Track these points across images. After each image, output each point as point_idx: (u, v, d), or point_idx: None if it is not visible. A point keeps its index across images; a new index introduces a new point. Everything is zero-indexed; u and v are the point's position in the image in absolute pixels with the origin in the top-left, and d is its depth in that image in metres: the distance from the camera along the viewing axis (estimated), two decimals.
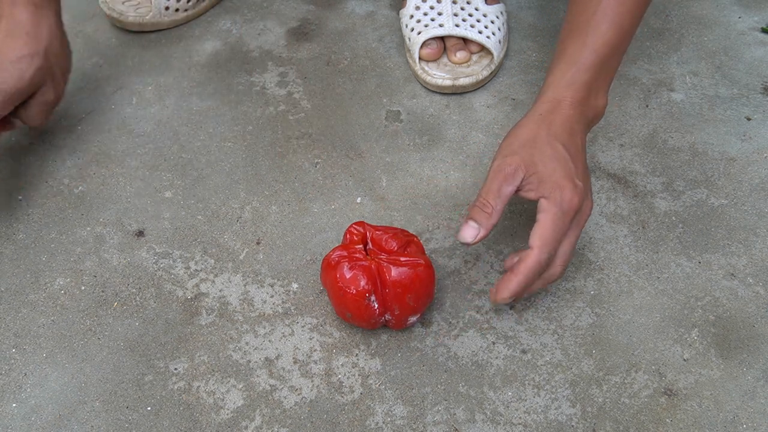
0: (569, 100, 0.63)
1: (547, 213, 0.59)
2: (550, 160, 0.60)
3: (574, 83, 0.63)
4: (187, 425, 0.62)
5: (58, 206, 0.75)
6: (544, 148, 0.61)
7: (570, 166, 0.61)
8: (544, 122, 0.62)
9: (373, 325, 0.64)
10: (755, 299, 0.68)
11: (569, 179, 0.60)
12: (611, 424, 0.62)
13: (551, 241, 0.59)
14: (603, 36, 0.64)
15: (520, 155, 0.61)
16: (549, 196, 0.60)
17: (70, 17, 0.93)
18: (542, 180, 0.60)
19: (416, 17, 0.86)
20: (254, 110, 0.84)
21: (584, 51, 0.64)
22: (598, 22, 0.64)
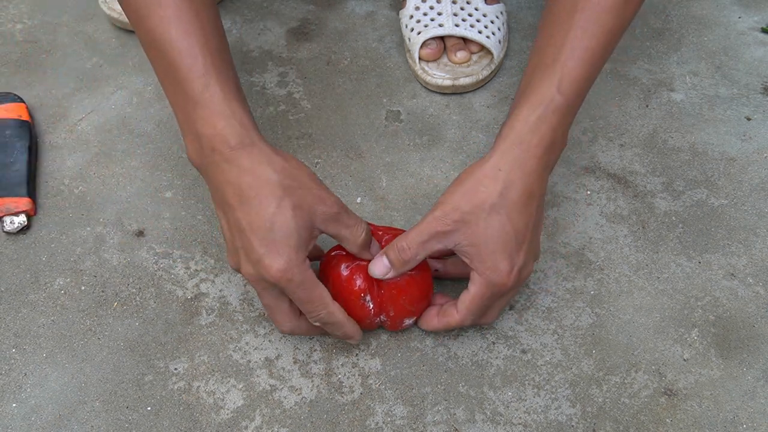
0: (534, 148, 0.57)
1: (478, 288, 0.58)
2: (494, 237, 0.56)
3: (540, 129, 0.58)
4: (187, 425, 0.62)
5: (58, 206, 0.75)
6: (492, 220, 0.56)
7: (512, 245, 0.57)
8: (500, 183, 0.57)
9: (369, 325, 0.63)
10: (755, 299, 0.68)
11: (508, 260, 0.57)
12: (611, 424, 0.62)
13: (476, 312, 0.60)
14: (571, 73, 0.58)
15: (462, 219, 0.57)
16: (482, 273, 0.57)
17: (70, 17, 0.93)
18: (479, 254, 0.57)
19: (416, 17, 0.86)
20: (254, 110, 0.84)
21: (551, 90, 0.58)
22: (566, 58, 0.58)
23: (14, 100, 0.80)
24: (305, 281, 0.56)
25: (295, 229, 0.55)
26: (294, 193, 0.56)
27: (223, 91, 0.57)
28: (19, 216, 0.73)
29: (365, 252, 0.60)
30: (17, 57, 0.89)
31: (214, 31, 0.60)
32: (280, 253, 0.55)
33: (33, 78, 0.86)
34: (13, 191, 0.73)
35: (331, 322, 0.59)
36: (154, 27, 0.58)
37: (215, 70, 0.58)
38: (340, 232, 0.58)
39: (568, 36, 0.58)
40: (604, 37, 0.59)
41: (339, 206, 0.58)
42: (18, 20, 0.93)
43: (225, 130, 0.57)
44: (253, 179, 0.56)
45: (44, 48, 0.90)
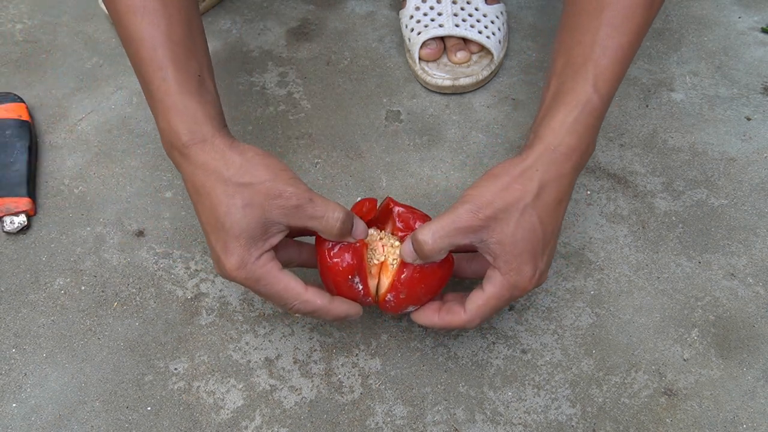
0: (570, 150, 0.56)
1: (496, 290, 0.56)
2: (524, 238, 0.54)
3: (578, 130, 0.56)
4: (187, 425, 0.62)
5: (58, 206, 0.75)
6: (524, 220, 0.54)
7: (539, 249, 0.55)
8: (537, 183, 0.55)
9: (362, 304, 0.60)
10: (755, 299, 0.68)
11: (532, 263, 0.55)
12: (611, 424, 0.62)
13: (486, 315, 0.57)
14: (605, 73, 0.57)
15: (496, 215, 0.54)
16: (505, 273, 0.55)
17: (70, 17, 0.93)
18: (505, 254, 0.55)
19: (416, 17, 0.86)
20: (254, 110, 0.84)
21: (587, 90, 0.56)
22: (598, 56, 0.56)
23: (14, 100, 0.80)
24: (263, 278, 0.55)
25: (245, 227, 0.54)
26: (245, 191, 0.55)
27: (179, 85, 0.56)
28: (19, 216, 0.73)
29: (345, 237, 0.57)
30: (17, 57, 0.89)
31: (183, 20, 0.58)
32: (232, 252, 0.55)
33: (33, 78, 0.86)
34: (13, 191, 0.73)
35: (309, 311, 0.57)
36: (122, 15, 0.58)
37: (174, 63, 0.57)
38: (308, 224, 0.56)
39: (599, 34, 0.57)
40: (634, 34, 0.58)
41: (300, 198, 0.55)
42: (18, 20, 0.93)
43: (178, 126, 0.56)
44: (204, 177, 0.56)
45: (44, 48, 0.90)
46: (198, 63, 0.59)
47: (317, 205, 0.55)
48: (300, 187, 0.56)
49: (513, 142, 0.80)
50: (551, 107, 0.58)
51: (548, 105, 0.58)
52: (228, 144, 0.57)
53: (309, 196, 0.55)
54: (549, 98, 0.59)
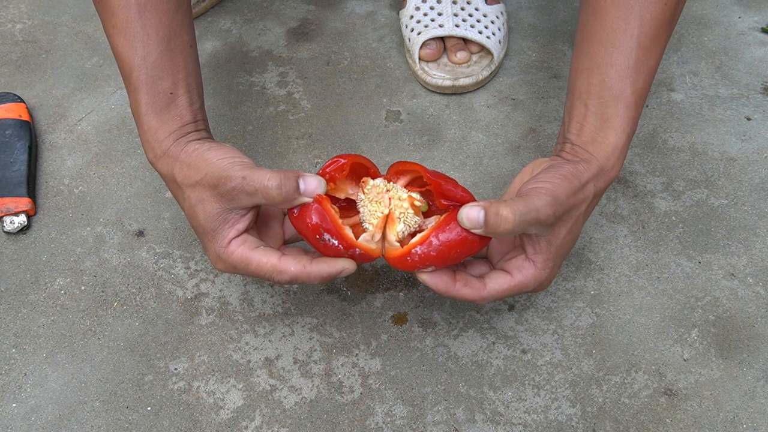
0: (615, 173, 0.60)
1: (525, 279, 0.57)
2: (567, 244, 0.58)
3: (623, 156, 0.60)
4: (187, 425, 0.62)
5: (58, 206, 0.75)
6: (574, 229, 0.58)
7: (566, 254, 0.60)
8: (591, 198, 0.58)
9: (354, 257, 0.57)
10: (755, 299, 0.68)
11: (557, 268, 0.59)
12: (611, 424, 0.62)
13: (502, 297, 0.59)
14: (641, 93, 0.60)
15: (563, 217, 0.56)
16: (539, 267, 0.57)
17: (70, 17, 0.93)
18: (549, 252, 0.57)
19: (416, 17, 0.86)
20: (254, 110, 0.84)
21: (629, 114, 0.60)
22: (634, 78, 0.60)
23: (14, 100, 0.80)
24: (237, 263, 0.57)
25: (204, 222, 0.57)
26: (194, 190, 0.58)
27: (147, 107, 0.60)
28: (19, 216, 0.73)
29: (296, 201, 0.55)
30: (17, 57, 0.89)
31: (161, 38, 0.61)
32: (207, 248, 0.59)
33: (33, 78, 0.86)
34: (13, 191, 0.74)
35: (288, 280, 0.57)
36: (108, 34, 0.62)
37: (146, 84, 0.61)
38: (254, 200, 0.56)
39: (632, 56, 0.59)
40: (660, 53, 0.61)
41: (234, 179, 0.55)
42: (18, 20, 0.93)
43: (145, 144, 0.61)
44: (170, 186, 0.61)
45: (44, 48, 0.90)
46: (172, 80, 0.61)
47: (251, 180, 0.55)
48: (234, 169, 0.56)
49: (513, 142, 0.80)
50: (600, 129, 0.60)
51: (595, 126, 0.60)
52: (178, 152, 0.60)
53: (242, 174, 0.55)
54: (592, 117, 0.61)
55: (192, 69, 0.63)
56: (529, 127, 0.82)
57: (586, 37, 0.62)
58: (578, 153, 0.60)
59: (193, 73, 0.63)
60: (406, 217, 0.57)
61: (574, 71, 0.63)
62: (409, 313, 0.68)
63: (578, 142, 0.60)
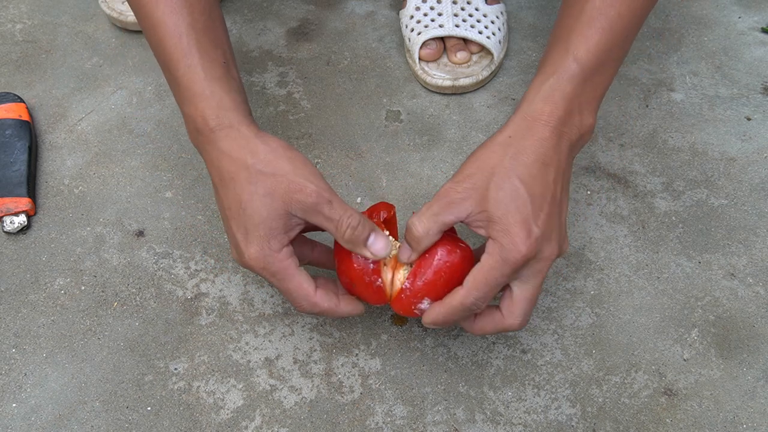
0: (546, 117, 0.55)
1: (489, 257, 0.53)
2: (506, 200, 0.53)
3: (552, 96, 0.55)
4: (187, 425, 0.62)
5: (58, 206, 0.75)
6: (503, 183, 0.53)
7: (528, 209, 0.53)
8: (512, 148, 0.54)
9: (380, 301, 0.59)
10: (755, 299, 0.68)
11: (522, 225, 0.52)
12: (611, 424, 0.62)
13: (482, 287, 0.53)
14: (588, 41, 0.55)
15: (473, 185, 0.53)
16: (496, 239, 0.53)
17: (70, 17, 0.93)
18: (491, 219, 0.53)
19: (416, 18, 0.86)
20: (254, 110, 0.84)
21: (566, 59, 0.55)
22: (583, 26, 0.55)
23: (14, 100, 0.80)
24: (279, 272, 0.55)
25: (266, 217, 0.54)
26: (267, 180, 0.54)
27: (205, 71, 0.57)
28: (19, 216, 0.73)
29: (358, 248, 0.56)
30: (17, 57, 0.89)
31: (204, 10, 0.59)
32: (252, 241, 0.55)
33: (33, 78, 0.86)
34: (13, 191, 0.74)
35: (316, 312, 0.57)
36: (143, 5, 0.59)
37: (198, 50, 0.57)
38: (323, 224, 0.55)
39: (586, 6, 0.56)
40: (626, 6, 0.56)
41: (319, 197, 0.54)
42: (18, 20, 0.93)
43: (205, 111, 0.57)
44: (229, 163, 0.56)
45: (44, 48, 0.90)
46: (222, 51, 0.60)
47: (334, 207, 0.55)
48: (321, 185, 0.55)
49: None
50: (532, 81, 0.58)
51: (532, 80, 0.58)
52: (254, 132, 0.57)
53: (329, 196, 0.55)
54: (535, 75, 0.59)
55: (231, 45, 0.62)
56: None
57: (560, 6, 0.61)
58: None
59: (232, 50, 0.62)
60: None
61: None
62: None
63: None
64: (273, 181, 0.54)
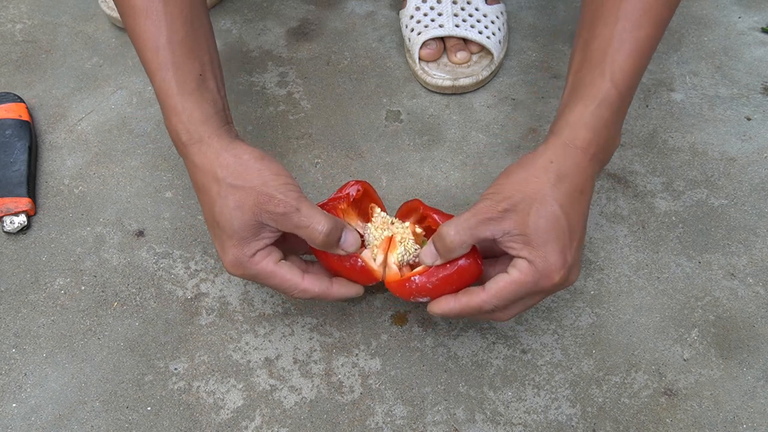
0: (587, 144, 0.56)
1: (521, 275, 0.54)
2: (547, 227, 0.53)
3: (594, 123, 0.56)
4: (187, 425, 0.62)
5: (58, 206, 0.75)
6: (544, 210, 0.54)
7: (566, 239, 0.54)
8: (553, 174, 0.55)
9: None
10: (755, 299, 0.68)
11: (560, 254, 0.53)
12: (611, 424, 0.62)
13: (505, 299, 0.55)
14: (622, 66, 0.56)
15: (513, 207, 0.54)
16: (532, 261, 0.53)
17: (70, 17, 0.93)
18: (530, 243, 0.53)
19: (416, 18, 0.86)
20: (254, 110, 0.84)
21: (604, 84, 0.56)
22: (616, 50, 0.56)
23: (14, 100, 0.80)
24: (259, 274, 0.57)
25: (238, 227, 0.56)
26: (236, 193, 0.56)
27: (178, 86, 0.58)
28: (19, 216, 0.73)
29: (331, 250, 0.58)
30: (17, 57, 0.89)
31: (185, 20, 0.59)
32: (227, 250, 0.57)
33: (33, 78, 0.86)
34: (13, 191, 0.74)
35: (309, 298, 0.59)
36: (126, 17, 0.60)
37: (174, 63, 0.59)
38: (295, 232, 0.56)
39: (617, 27, 0.56)
40: (653, 27, 0.57)
41: (287, 207, 0.55)
42: (18, 20, 0.93)
43: (177, 126, 0.58)
44: (201, 176, 0.58)
45: (44, 48, 0.90)
46: (200, 62, 0.60)
47: (303, 215, 0.56)
48: (289, 194, 0.56)
49: (513, 142, 0.80)
50: (568, 103, 0.58)
51: (566, 101, 0.58)
52: (225, 145, 0.58)
53: (297, 205, 0.56)
54: (567, 94, 0.59)
55: (214, 53, 0.62)
56: (529, 127, 0.82)
57: (581, 16, 0.61)
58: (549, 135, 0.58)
59: (216, 58, 0.62)
60: (406, 242, 0.60)
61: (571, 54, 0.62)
62: (409, 313, 0.68)
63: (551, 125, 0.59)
64: (242, 193, 0.56)
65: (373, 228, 0.61)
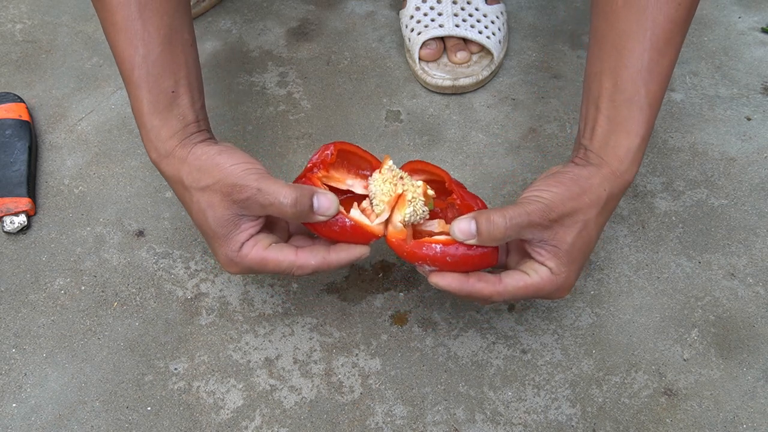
0: (631, 176, 0.59)
1: (540, 282, 0.57)
2: (580, 249, 0.57)
3: (638, 159, 0.59)
4: (187, 425, 0.62)
5: (58, 206, 0.75)
6: (586, 233, 0.57)
7: (584, 261, 0.58)
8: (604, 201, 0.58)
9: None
10: (755, 299, 0.68)
11: (577, 272, 0.58)
12: (611, 424, 0.62)
13: (515, 298, 0.58)
14: (656, 96, 0.59)
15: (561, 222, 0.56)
16: (555, 273, 0.56)
17: (70, 17, 0.93)
18: (559, 257, 0.56)
19: (416, 17, 0.86)
20: (254, 110, 0.84)
21: (643, 120, 0.58)
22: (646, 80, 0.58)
23: (14, 100, 0.80)
24: (252, 265, 0.58)
25: (216, 226, 0.57)
26: (203, 195, 0.57)
27: (149, 105, 0.60)
28: (19, 216, 0.73)
29: (308, 218, 0.57)
30: (17, 57, 0.89)
31: (161, 37, 0.60)
32: (216, 251, 0.59)
33: (33, 78, 0.86)
34: (13, 191, 0.74)
35: (311, 272, 0.58)
36: (107, 33, 0.62)
37: (147, 82, 0.60)
38: (267, 212, 0.57)
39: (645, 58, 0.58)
40: (674, 54, 0.60)
41: (249, 190, 0.56)
42: (18, 20, 0.93)
43: (148, 144, 0.61)
44: (174, 188, 0.60)
45: (44, 48, 0.90)
46: (174, 79, 0.61)
47: (266, 193, 0.56)
48: (249, 177, 0.56)
49: (513, 142, 0.80)
50: (612, 133, 0.59)
51: (607, 129, 0.59)
52: (185, 154, 0.59)
53: (257, 185, 0.56)
54: (604, 121, 0.60)
55: (193, 67, 0.63)
56: (529, 127, 0.82)
57: (599, 40, 0.61)
58: (590, 158, 0.59)
59: (195, 72, 0.63)
60: (416, 202, 0.57)
61: (588, 75, 0.62)
62: (409, 313, 0.68)
63: (591, 147, 0.60)
64: (209, 193, 0.57)
65: (381, 180, 0.58)
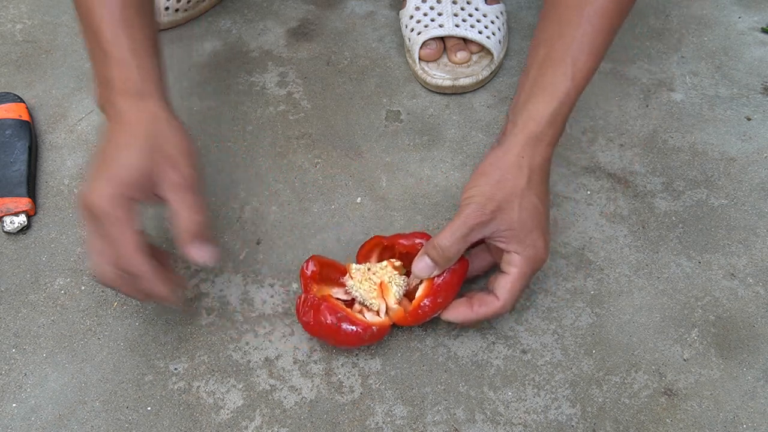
0: (549, 138, 0.61)
1: (519, 269, 0.60)
2: (530, 219, 0.60)
3: (557, 120, 0.61)
4: (187, 425, 0.62)
5: (58, 206, 0.75)
6: (526, 203, 0.60)
7: (544, 222, 0.61)
8: (526, 169, 0.60)
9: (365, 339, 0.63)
10: (755, 299, 0.68)
11: (543, 236, 0.60)
12: (611, 424, 0.62)
13: (517, 294, 0.61)
14: (583, 68, 0.61)
15: (499, 207, 0.59)
16: (522, 253, 0.60)
17: (70, 17, 0.93)
18: (517, 236, 0.60)
19: (416, 17, 0.86)
20: (254, 110, 0.84)
21: (565, 83, 0.61)
22: (577, 52, 0.61)
23: (14, 100, 0.80)
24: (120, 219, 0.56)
25: (135, 167, 0.57)
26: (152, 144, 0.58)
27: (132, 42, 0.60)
28: (19, 216, 0.73)
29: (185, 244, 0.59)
30: (17, 57, 0.89)
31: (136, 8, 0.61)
32: (109, 180, 0.56)
33: (33, 78, 0.86)
34: (13, 191, 0.74)
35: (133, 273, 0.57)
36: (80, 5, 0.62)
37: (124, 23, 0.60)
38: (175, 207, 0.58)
39: (579, 30, 0.61)
40: (609, 32, 0.62)
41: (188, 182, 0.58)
42: (18, 20, 0.93)
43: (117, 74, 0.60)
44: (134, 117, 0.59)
45: (44, 48, 0.90)
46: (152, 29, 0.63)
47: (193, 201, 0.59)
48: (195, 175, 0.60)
49: None
50: (531, 96, 0.62)
51: (528, 93, 0.62)
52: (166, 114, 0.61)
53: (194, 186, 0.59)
54: (528, 86, 0.63)
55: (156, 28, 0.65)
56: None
57: (545, 14, 0.64)
58: (509, 128, 0.62)
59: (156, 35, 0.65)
60: (394, 279, 0.64)
61: (530, 47, 0.65)
62: None
63: (512, 113, 0.62)
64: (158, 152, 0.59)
65: (357, 284, 0.64)
